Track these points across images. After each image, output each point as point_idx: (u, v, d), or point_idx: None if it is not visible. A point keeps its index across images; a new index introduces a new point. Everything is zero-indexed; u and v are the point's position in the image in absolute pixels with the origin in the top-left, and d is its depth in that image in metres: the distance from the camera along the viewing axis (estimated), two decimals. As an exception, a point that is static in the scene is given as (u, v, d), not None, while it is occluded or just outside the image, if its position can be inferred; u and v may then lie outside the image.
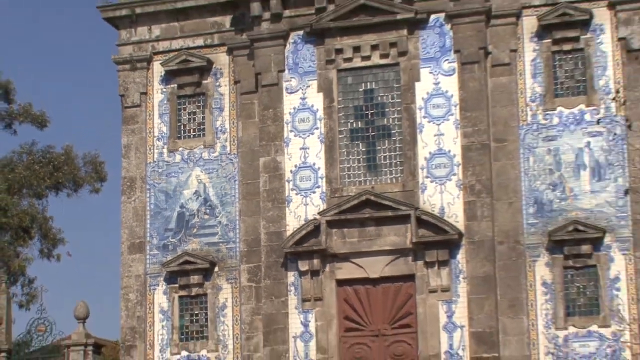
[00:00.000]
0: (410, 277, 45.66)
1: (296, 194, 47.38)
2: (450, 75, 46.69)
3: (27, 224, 62.17)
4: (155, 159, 49.46)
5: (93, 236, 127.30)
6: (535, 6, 46.12)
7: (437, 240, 45.24)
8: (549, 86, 45.90)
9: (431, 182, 46.14)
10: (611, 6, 45.20)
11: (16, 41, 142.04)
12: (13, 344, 48.88)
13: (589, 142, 45.06)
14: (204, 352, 47.55)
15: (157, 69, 49.90)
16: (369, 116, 47.55)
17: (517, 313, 44.42)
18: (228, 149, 48.84)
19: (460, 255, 45.28)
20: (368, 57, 47.57)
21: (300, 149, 47.77)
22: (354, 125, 47.66)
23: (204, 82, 49.54)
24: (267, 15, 48.13)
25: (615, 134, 44.58)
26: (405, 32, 47.03)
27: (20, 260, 62.45)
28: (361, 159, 47.31)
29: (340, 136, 47.47)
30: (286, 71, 48.29)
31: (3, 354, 47.40)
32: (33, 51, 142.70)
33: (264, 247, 46.98)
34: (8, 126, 64.89)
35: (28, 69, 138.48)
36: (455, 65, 46.67)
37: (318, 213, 46.49)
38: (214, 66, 49.48)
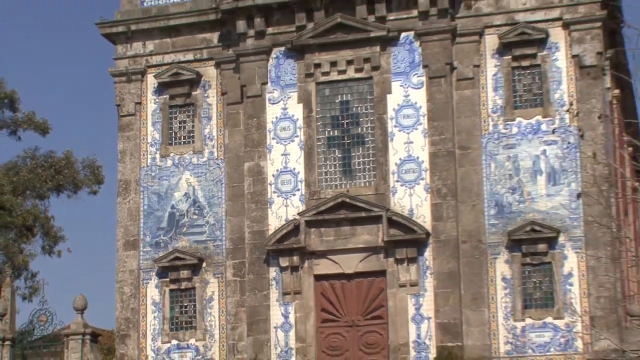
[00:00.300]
0: (381, 273, 45.73)
1: (278, 196, 47.42)
2: (419, 88, 46.81)
3: (30, 223, 62.11)
4: (148, 164, 49.41)
5: (91, 234, 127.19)
6: (496, 26, 46.41)
7: (407, 239, 45.35)
8: (508, 99, 46.10)
9: (401, 185, 46.27)
10: (565, 26, 45.55)
11: (21, 53, 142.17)
12: (17, 333, 48.76)
13: (545, 150, 45.32)
14: (192, 341, 47.55)
15: (151, 81, 49.81)
16: (345, 125, 47.65)
17: (479, 306, 44.63)
18: (215, 154, 48.83)
19: (428, 253, 45.40)
20: (344, 71, 47.62)
21: (282, 155, 47.77)
22: (331, 133, 47.73)
23: (194, 93, 49.44)
24: (251, 32, 48.20)
25: (569, 142, 44.76)
26: (378, 48, 47.13)
27: (23, 256, 62.35)
28: (337, 165, 47.40)
29: (318, 143, 47.53)
30: (269, 84, 48.27)
31: (7, 342, 47.31)
32: (37, 63, 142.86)
33: (248, 245, 47.02)
34: (13, 133, 64.82)
35: (32, 79, 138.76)
36: (423, 79, 46.77)
37: (298, 214, 46.52)
38: (202, 79, 49.39)
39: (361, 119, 47.56)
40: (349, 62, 47.54)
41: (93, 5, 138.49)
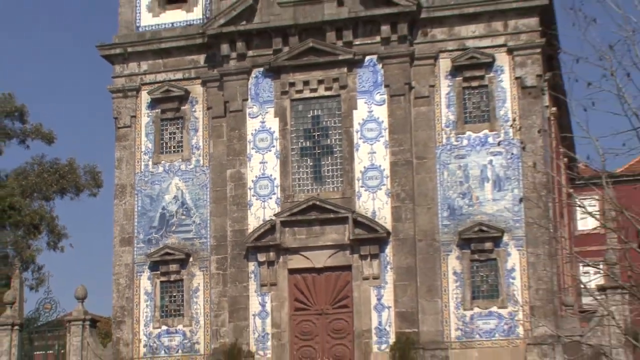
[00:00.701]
0: (347, 267, 45.89)
1: (256, 199, 47.47)
2: (381, 105, 46.98)
3: (37, 222, 61.89)
4: (142, 170, 49.37)
5: (91, 232, 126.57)
6: (449, 50, 46.60)
7: (370, 238, 45.53)
8: (459, 115, 46.31)
9: (365, 190, 46.45)
10: (509, 52, 45.83)
11: (31, 70, 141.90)
12: (24, 319, 48.60)
13: (491, 160, 45.57)
14: (180, 327, 47.58)
15: (145, 97, 49.71)
16: (316, 137, 47.75)
17: (433, 296, 44.83)
18: (201, 162, 48.82)
19: (388, 250, 45.56)
20: (315, 90, 47.73)
21: (260, 163, 47.83)
22: (303, 144, 47.79)
23: (182, 108, 49.38)
24: (234, 54, 48.25)
25: (512, 153, 45.03)
26: (345, 70, 47.27)
27: (31, 251, 62.07)
28: (309, 172, 47.53)
29: (292, 153, 47.60)
30: (249, 100, 48.28)
31: (16, 327, 47.29)
32: (44, 79, 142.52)
33: (230, 242, 47.07)
34: (22, 142, 64.53)
35: (40, 94, 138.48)
36: (385, 97, 46.93)
37: (274, 215, 46.60)
38: (190, 95, 49.33)
39: (330, 132, 47.71)
40: (320, 82, 47.64)
41: (94, 29, 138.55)
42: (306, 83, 47.85)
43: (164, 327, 47.93)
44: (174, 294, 48.26)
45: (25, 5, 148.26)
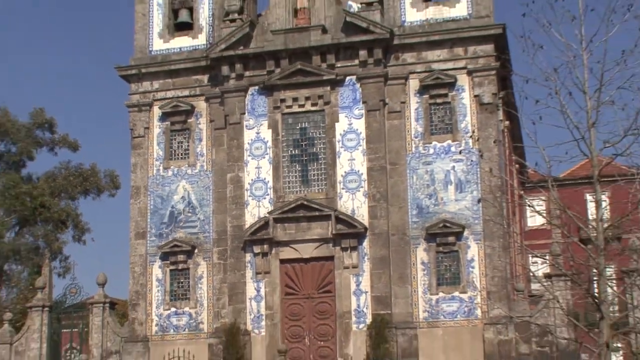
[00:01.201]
0: (330, 258, 45.98)
1: (252, 199, 47.50)
2: (359, 118, 47.01)
3: (64, 218, 61.76)
4: (154, 174, 49.34)
5: (110, 227, 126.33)
6: (417, 72, 46.62)
7: (349, 233, 45.67)
8: (426, 127, 46.42)
9: (346, 192, 46.57)
10: (469, 73, 45.89)
11: (59, 87, 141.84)
12: (53, 302, 48.44)
13: (454, 166, 45.69)
14: (187, 309, 47.61)
15: (156, 111, 49.69)
16: (303, 146, 47.77)
17: (404, 283, 44.98)
18: (205, 167, 48.78)
19: (365, 243, 45.66)
20: (303, 105, 47.76)
21: (255, 168, 47.83)
22: (293, 152, 47.83)
23: (189, 120, 49.35)
24: (233, 75, 48.26)
25: (471, 160, 45.11)
26: (328, 88, 47.32)
27: (58, 243, 61.92)
28: (297, 176, 47.58)
29: (283, 159, 47.63)
30: (246, 114, 48.29)
31: (46, 309, 47.25)
32: (71, 96, 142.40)
33: (230, 236, 47.12)
34: (51, 149, 64.39)
35: (67, 108, 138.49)
36: (363, 111, 46.96)
37: (267, 213, 46.64)
38: (195, 110, 49.28)
39: (316, 141, 47.74)
40: (307, 98, 47.66)
41: (113, 52, 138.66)
42: (295, 99, 47.87)
43: (173, 309, 47.93)
44: (181, 281, 48.25)
45: (55, 32, 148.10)
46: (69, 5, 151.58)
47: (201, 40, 50.38)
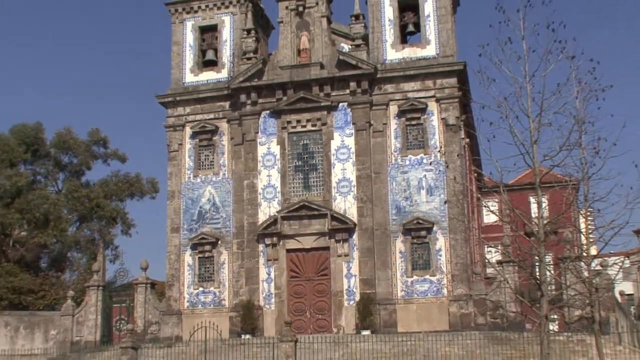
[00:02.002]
0: (326, 248, 45.96)
1: (264, 201, 47.44)
2: (350, 136, 46.96)
3: (114, 216, 61.89)
4: (185, 181, 49.26)
5: (151, 223, 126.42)
6: (396, 100, 46.62)
7: (342, 228, 45.67)
8: (403, 143, 46.31)
9: (339, 195, 46.49)
10: (437, 101, 45.87)
11: (111, 112, 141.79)
12: (106, 282, 48.34)
13: (425, 175, 45.59)
14: (211, 289, 47.55)
15: (188, 131, 49.61)
16: (305, 159, 47.66)
17: (385, 268, 44.93)
18: (227, 175, 48.70)
19: (355, 236, 45.64)
20: (305, 126, 47.76)
21: (267, 176, 47.76)
22: (297, 163, 47.70)
23: (214, 138, 49.28)
24: (249, 102, 48.24)
25: (439, 170, 45.07)
26: (325, 112, 47.34)
27: (110, 235, 61.91)
28: (300, 182, 47.45)
29: (289, 169, 47.56)
30: (259, 133, 48.21)
31: (101, 288, 47.11)
32: (121, 118, 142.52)
33: (246, 231, 47.08)
34: (105, 161, 64.38)
35: (118, 128, 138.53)
36: (353, 131, 46.92)
37: (276, 212, 46.63)
38: (219, 130, 49.21)
39: (315, 155, 47.58)
40: (308, 120, 47.68)
41: (152, 84, 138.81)
42: (298, 121, 47.88)
43: (201, 289, 47.87)
44: (207, 266, 48.13)
45: (109, 68, 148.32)
46: (119, 48, 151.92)
47: (224, 74, 50.36)
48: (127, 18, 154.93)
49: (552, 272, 27.03)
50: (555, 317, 40.37)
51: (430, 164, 45.42)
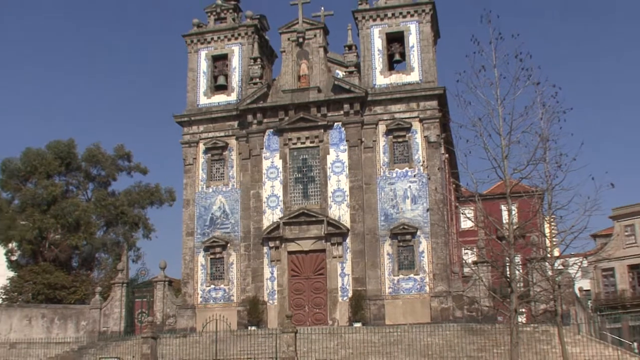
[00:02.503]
0: (323, 250, 45.87)
1: (268, 209, 47.31)
2: (344, 152, 46.91)
3: (137, 221, 61.72)
4: (199, 190, 49.04)
5: (168, 228, 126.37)
6: (384, 120, 46.57)
7: (336, 232, 45.59)
8: (391, 158, 46.26)
9: (334, 204, 46.44)
10: (420, 121, 45.86)
11: (135, 130, 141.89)
12: (129, 280, 48.27)
13: (410, 186, 45.50)
14: (222, 286, 47.37)
15: (201, 147, 49.46)
16: (304, 171, 47.57)
17: (375, 268, 44.84)
18: (235, 186, 48.54)
19: (348, 240, 45.57)
20: (304, 143, 47.70)
21: (270, 187, 47.64)
22: (297, 175, 47.61)
23: (224, 153, 49.14)
24: (255, 121, 48.22)
25: (422, 181, 45.01)
26: (322, 131, 47.31)
27: (133, 238, 61.46)
28: (300, 192, 47.34)
29: (290, 181, 47.46)
30: (264, 149, 48.12)
31: (124, 284, 47.01)
32: (143, 135, 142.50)
33: (252, 235, 47.00)
34: (128, 173, 63.67)
35: (141, 144, 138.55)
36: (346, 147, 46.89)
37: (279, 218, 46.55)
38: (228, 146, 49.08)
39: (313, 168, 47.49)
40: (307, 138, 47.65)
41: (168, 106, 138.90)
42: (298, 139, 47.84)
43: (212, 286, 47.71)
44: (218, 266, 47.94)
45: (133, 93, 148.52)
46: (142, 74, 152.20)
47: (233, 97, 50.29)
48: (148, 47, 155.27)
49: (521, 271, 27.15)
50: (523, 310, 40.23)
51: (414, 176, 45.36)
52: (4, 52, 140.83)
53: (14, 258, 60.27)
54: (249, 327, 44.14)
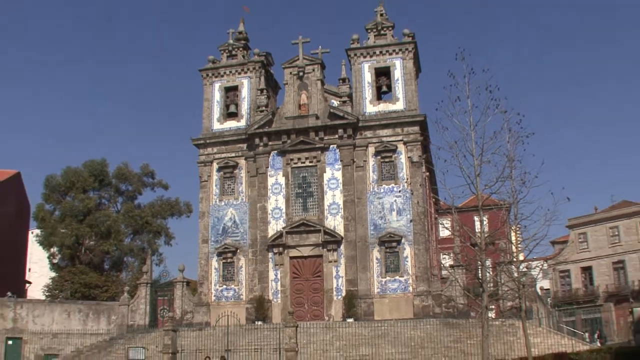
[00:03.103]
0: (320, 256, 45.71)
1: (273, 220, 47.18)
2: (338, 170, 46.82)
3: (159, 230, 61.72)
4: (213, 204, 48.86)
5: (186, 236, 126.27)
6: (373, 143, 46.54)
7: (332, 240, 45.51)
8: (379, 176, 46.19)
9: (330, 215, 46.32)
10: (404, 143, 45.77)
11: (159, 151, 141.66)
12: (152, 281, 48.10)
13: (395, 200, 45.42)
14: (232, 286, 47.20)
15: (215, 166, 49.34)
16: (304, 187, 47.42)
17: (365, 271, 44.69)
18: (244, 200, 48.36)
19: (342, 247, 45.44)
20: (304, 162, 47.61)
21: (275, 200, 47.51)
22: (297, 191, 47.46)
23: (234, 171, 48.96)
24: (261, 144, 48.14)
25: (406, 196, 44.93)
26: (319, 152, 47.29)
27: (156, 245, 61.35)
28: (300, 205, 47.18)
29: (292, 195, 47.30)
30: (269, 167, 48.03)
31: (149, 284, 46.89)
32: (166, 156, 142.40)
33: (259, 242, 46.87)
34: (152, 189, 63.82)
35: (163, 163, 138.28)
36: (340, 166, 46.82)
37: (282, 228, 46.43)
38: (238, 165, 48.92)
39: (311, 184, 47.35)
40: (306, 158, 47.60)
41: (186, 130, 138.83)
42: (299, 159, 47.78)
43: (224, 286, 47.55)
44: (229, 269, 47.77)
45: (156, 118, 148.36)
46: (164, 104, 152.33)
47: (242, 123, 50.19)
48: (170, 79, 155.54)
49: (491, 273, 27.05)
50: (493, 307, 40.19)
51: (399, 191, 45.31)
52: (50, 88, 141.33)
53: (55, 261, 60.68)
54: (256, 322, 43.94)
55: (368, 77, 48.52)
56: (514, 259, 26.40)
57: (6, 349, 45.82)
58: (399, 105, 47.50)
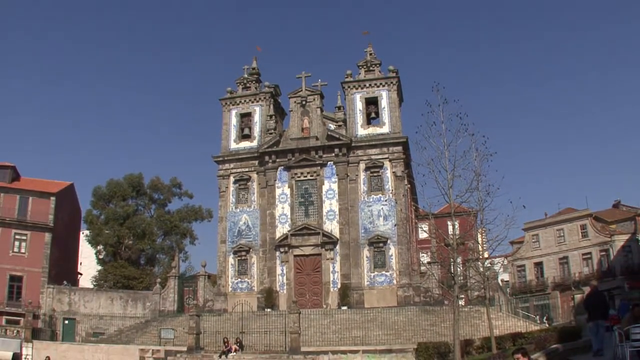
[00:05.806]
0: (319, 255, 45.64)
1: (280, 224, 47.12)
2: (335, 183, 46.80)
3: (185, 232, 61.73)
4: (230, 210, 48.74)
5: (208, 237, 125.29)
6: (364, 160, 46.57)
7: (329, 241, 45.47)
8: (369, 187, 46.22)
9: (328, 221, 46.25)
10: (390, 161, 45.92)
11: (185, 167, 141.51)
12: (180, 274, 48.34)
13: (382, 207, 45.44)
14: (246, 279, 47.14)
15: (232, 179, 49.24)
16: (306, 197, 47.34)
17: (357, 267, 44.64)
18: (256, 207, 48.24)
19: (337, 247, 45.40)
20: (306, 176, 47.56)
21: (281, 208, 47.48)
22: (300, 200, 47.39)
23: (248, 184, 48.88)
24: (270, 161, 48.14)
25: (391, 205, 45.02)
26: (319, 168, 47.28)
27: (182, 244, 61.21)
28: (303, 212, 47.09)
29: (295, 204, 47.25)
30: (277, 180, 48.03)
31: (177, 277, 47.00)
32: (191, 170, 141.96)
33: (268, 243, 46.79)
34: (179, 197, 63.72)
35: (189, 176, 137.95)
36: (336, 179, 46.79)
37: (287, 231, 46.41)
38: (251, 178, 48.88)
39: (312, 195, 47.28)
40: (308, 172, 47.58)
41: (209, 149, 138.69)
42: (302, 173, 47.78)
43: (239, 279, 47.46)
44: (243, 265, 47.66)
45: (185, 140, 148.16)
46: (189, 125, 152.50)
47: (254, 143, 50.19)
48: (193, 108, 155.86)
49: (461, 268, 27.11)
50: (462, 296, 40.15)
51: (386, 200, 45.37)
52: (98, 115, 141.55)
53: (101, 257, 61.21)
54: (265, 309, 43.88)
55: (359, 105, 48.65)
56: (480, 257, 26.59)
57: (63, 327, 47.13)
58: (385, 129, 47.60)
